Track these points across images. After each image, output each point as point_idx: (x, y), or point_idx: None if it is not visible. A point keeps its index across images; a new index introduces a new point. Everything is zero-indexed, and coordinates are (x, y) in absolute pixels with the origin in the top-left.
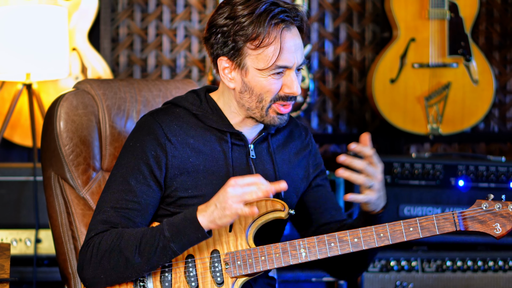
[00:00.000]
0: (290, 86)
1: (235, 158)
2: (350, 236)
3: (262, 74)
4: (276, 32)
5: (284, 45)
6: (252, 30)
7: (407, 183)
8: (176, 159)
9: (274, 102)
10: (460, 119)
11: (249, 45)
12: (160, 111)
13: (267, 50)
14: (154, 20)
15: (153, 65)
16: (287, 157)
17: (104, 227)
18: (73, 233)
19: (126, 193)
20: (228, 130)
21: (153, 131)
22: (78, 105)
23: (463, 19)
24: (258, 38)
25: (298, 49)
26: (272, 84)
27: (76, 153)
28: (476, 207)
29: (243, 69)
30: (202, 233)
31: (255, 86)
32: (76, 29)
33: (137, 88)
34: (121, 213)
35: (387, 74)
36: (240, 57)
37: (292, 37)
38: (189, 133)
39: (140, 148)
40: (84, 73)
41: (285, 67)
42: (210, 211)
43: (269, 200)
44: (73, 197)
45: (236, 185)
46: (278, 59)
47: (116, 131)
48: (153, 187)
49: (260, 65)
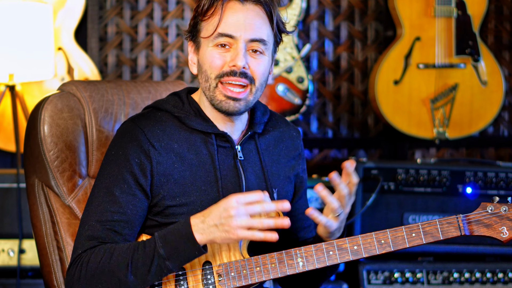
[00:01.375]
0: (233, 58)
1: (222, 161)
2: (349, 244)
3: (207, 46)
4: (221, 1)
5: (228, 14)
6: (200, 2)
7: (412, 190)
8: (161, 165)
9: (219, 80)
10: (468, 122)
11: (200, 17)
12: (141, 116)
13: (213, 19)
14: (145, 18)
15: (144, 66)
16: (277, 158)
17: (91, 244)
18: (58, 244)
19: (111, 204)
20: (213, 131)
21: (135, 138)
22: (63, 108)
23: (471, 17)
24: (203, 8)
25: (251, 25)
26: (214, 56)
27: (61, 159)
28: (481, 210)
29: (198, 46)
30: (199, 250)
31: (202, 61)
32: (62, 28)
33: (125, 90)
34: (107, 226)
35: (391, 75)
36: (197, 34)
37: (242, 10)
38: (172, 137)
39: (123, 156)
40: (71, 74)
41: (229, 35)
42: (209, 231)
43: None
44: (58, 205)
45: (239, 205)
46: (221, 27)
47: (103, 135)
48: (139, 196)
49: (206, 33)
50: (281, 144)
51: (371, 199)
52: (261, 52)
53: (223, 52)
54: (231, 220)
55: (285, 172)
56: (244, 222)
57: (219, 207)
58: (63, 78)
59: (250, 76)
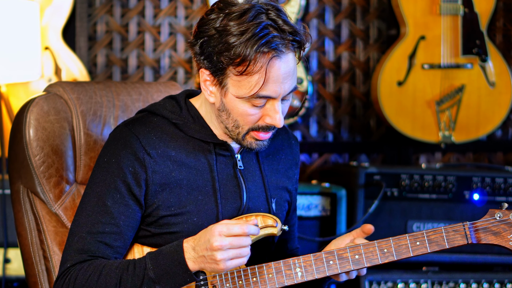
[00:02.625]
0: (272, 116)
1: (221, 170)
2: (350, 253)
3: (242, 101)
4: (264, 60)
5: (270, 75)
6: (238, 53)
7: (416, 197)
8: (157, 174)
9: (252, 130)
10: (475, 125)
11: (232, 68)
12: (136, 121)
13: (250, 78)
14: (136, 16)
15: (135, 66)
16: (276, 167)
17: (80, 257)
18: (44, 253)
19: (102, 215)
20: (212, 140)
21: (129, 145)
22: (49, 111)
23: (478, 14)
24: (243, 64)
25: (288, 78)
26: (251, 114)
27: (47, 164)
28: (489, 217)
29: (223, 88)
30: (190, 277)
31: (233, 110)
32: (49, 26)
33: (115, 92)
34: (97, 239)
35: (394, 76)
36: (223, 76)
37: (283, 66)
38: (169, 144)
39: (116, 164)
40: (58, 74)
41: (268, 97)
42: (199, 260)
43: (259, 215)
44: (45, 213)
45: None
46: (262, 89)
47: (91, 139)
48: (132, 207)
49: (240, 92)
50: (281, 152)
51: (373, 206)
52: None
53: (260, 108)
54: (216, 253)
55: (283, 181)
56: (230, 255)
57: (205, 237)
58: (50, 79)
59: None
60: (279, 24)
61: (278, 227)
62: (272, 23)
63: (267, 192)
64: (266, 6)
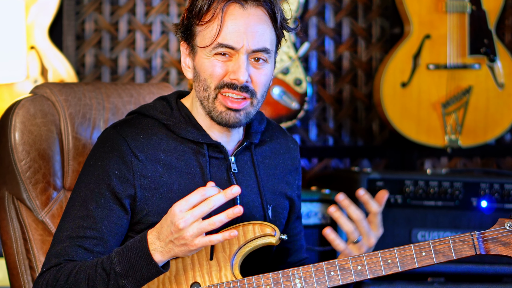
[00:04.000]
0: (236, 71)
1: (214, 173)
2: (352, 263)
3: (206, 55)
4: (221, 5)
5: (228, 22)
6: (198, 7)
7: (421, 204)
8: (146, 178)
9: (219, 91)
10: (483, 129)
11: (196, 21)
12: (124, 123)
13: (211, 26)
14: (126, 14)
15: (125, 66)
16: (273, 172)
17: (56, 261)
18: (30, 263)
19: (84, 219)
20: (205, 141)
21: (116, 147)
22: (36, 113)
23: (486, 12)
24: (201, 12)
25: (253, 32)
26: (215, 66)
27: (33, 170)
28: (499, 227)
29: (193, 50)
30: (156, 269)
31: (200, 69)
32: (34, 25)
33: (104, 93)
34: (76, 243)
35: (398, 77)
36: (191, 38)
37: (244, 15)
38: (159, 147)
39: (102, 168)
40: (44, 75)
41: (230, 47)
42: (168, 248)
43: (257, 224)
44: (31, 220)
45: (184, 214)
46: (221, 36)
47: (80, 143)
48: (117, 212)
49: (204, 42)
50: (279, 156)
51: None
52: (264, 60)
53: (225, 61)
54: (183, 232)
55: (281, 187)
56: (196, 230)
57: (167, 221)
58: (36, 80)
59: (251, 89)
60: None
61: (276, 236)
62: None
63: (263, 198)
64: None
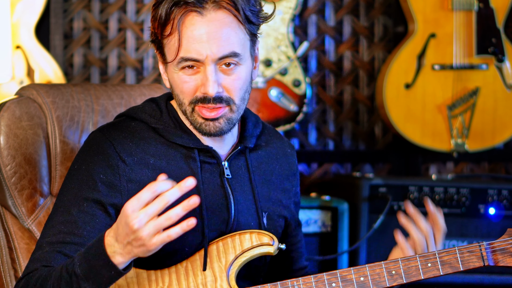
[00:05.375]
0: (204, 84)
1: (206, 179)
2: (355, 275)
3: (174, 69)
4: (178, 17)
5: (187, 33)
6: (159, 16)
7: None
8: (134, 183)
9: (195, 105)
10: (491, 132)
11: (161, 35)
12: (111, 126)
13: (172, 40)
14: (116, 12)
15: (115, 67)
16: (268, 178)
17: (33, 266)
18: (16, 273)
19: (65, 224)
20: (195, 146)
21: (102, 151)
22: (21, 116)
23: (494, 10)
24: (161, 27)
25: (216, 39)
26: (184, 82)
27: (19, 175)
28: (508, 237)
29: (165, 63)
30: (116, 270)
31: (172, 83)
32: (20, 23)
33: (94, 95)
34: (56, 249)
35: (402, 78)
36: (161, 49)
37: (203, 23)
38: (148, 151)
39: (86, 172)
40: (31, 76)
41: (194, 60)
42: (127, 250)
43: (254, 232)
44: (16, 228)
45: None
46: (181, 50)
47: (68, 147)
48: (100, 218)
49: (169, 58)
50: (275, 162)
51: (378, 222)
52: (235, 64)
53: (192, 74)
54: (139, 233)
55: (277, 194)
56: (152, 228)
57: (121, 223)
58: (22, 81)
59: (226, 98)
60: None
61: (274, 245)
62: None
63: (257, 205)
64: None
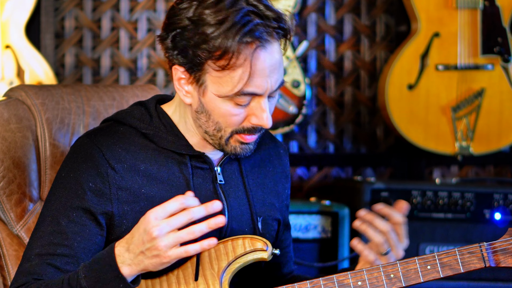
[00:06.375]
0: (259, 116)
1: (199, 185)
2: (352, 279)
3: (222, 100)
4: (248, 52)
5: (256, 69)
6: (218, 46)
7: (430, 216)
8: (124, 191)
9: (236, 133)
10: (497, 135)
11: (211, 62)
12: (99, 131)
13: (233, 73)
14: (109, 10)
15: (108, 67)
16: (262, 181)
17: (24, 280)
18: (4, 280)
19: (55, 235)
20: (187, 152)
21: (91, 158)
22: (10, 118)
23: (500, 8)
24: (224, 58)
25: (275, 71)
26: (234, 115)
27: (8, 179)
28: (509, 237)
29: (201, 86)
30: (124, 283)
31: (213, 111)
32: (10, 22)
33: (85, 97)
34: (46, 261)
35: (404, 79)
36: (200, 72)
37: (269, 57)
38: (138, 157)
39: (74, 180)
40: (21, 77)
41: (253, 94)
42: (137, 260)
43: (247, 238)
44: (5, 234)
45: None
46: (247, 85)
47: (58, 150)
48: (90, 228)
49: (222, 90)
50: (268, 165)
51: None
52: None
53: (244, 106)
54: (156, 242)
55: (271, 197)
56: (171, 240)
57: (139, 230)
58: (11, 82)
59: None
60: (261, 9)
61: (268, 251)
62: (254, 9)
63: (252, 210)
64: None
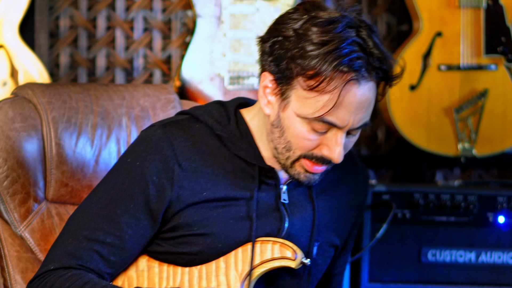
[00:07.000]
0: (331, 148)
1: (262, 199)
2: None
3: (301, 121)
4: (340, 81)
5: (343, 100)
6: (313, 65)
7: (432, 220)
8: (186, 191)
9: (304, 158)
10: (500, 136)
11: (301, 79)
12: (174, 124)
13: (320, 97)
14: (105, 9)
15: (103, 67)
16: (333, 206)
17: (67, 262)
18: (5, 282)
19: (108, 222)
20: (258, 163)
21: (161, 150)
22: (15, 117)
23: (504, 7)
24: (315, 79)
25: (362, 109)
26: (307, 139)
27: (12, 179)
28: None
29: (284, 100)
30: None
31: (288, 129)
32: (3, 21)
33: (93, 96)
34: (94, 247)
35: (406, 79)
36: (287, 86)
37: (360, 93)
38: (207, 159)
39: (140, 169)
40: (14, 77)
41: (332, 124)
42: None
43: (277, 243)
44: (7, 235)
45: None
46: (329, 114)
47: (64, 150)
48: (144, 222)
49: (303, 110)
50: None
51: (381, 230)
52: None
53: (319, 134)
54: None
55: (336, 223)
56: None
57: None
58: (5, 82)
59: None
60: (369, 45)
61: (297, 260)
62: (361, 42)
63: (313, 233)
64: (358, 22)
